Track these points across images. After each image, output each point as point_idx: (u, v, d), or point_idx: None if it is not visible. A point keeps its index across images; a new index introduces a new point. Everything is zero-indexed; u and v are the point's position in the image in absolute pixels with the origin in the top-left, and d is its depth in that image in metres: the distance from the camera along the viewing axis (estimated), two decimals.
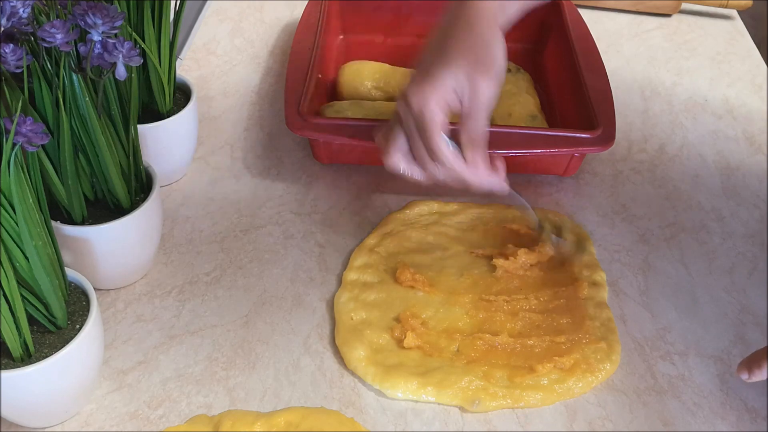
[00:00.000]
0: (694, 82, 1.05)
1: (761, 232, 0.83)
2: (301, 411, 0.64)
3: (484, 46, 0.64)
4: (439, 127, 0.63)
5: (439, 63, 0.64)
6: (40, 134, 0.52)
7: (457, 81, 0.63)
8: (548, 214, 0.82)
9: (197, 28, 1.10)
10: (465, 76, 0.63)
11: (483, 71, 0.63)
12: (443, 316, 0.71)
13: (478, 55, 0.63)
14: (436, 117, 0.63)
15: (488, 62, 0.64)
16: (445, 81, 0.63)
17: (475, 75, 0.63)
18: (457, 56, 0.63)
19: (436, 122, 0.63)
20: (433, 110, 0.63)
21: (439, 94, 0.63)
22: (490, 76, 0.63)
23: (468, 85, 0.63)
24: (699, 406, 0.66)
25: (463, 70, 0.63)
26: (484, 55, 0.64)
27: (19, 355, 0.57)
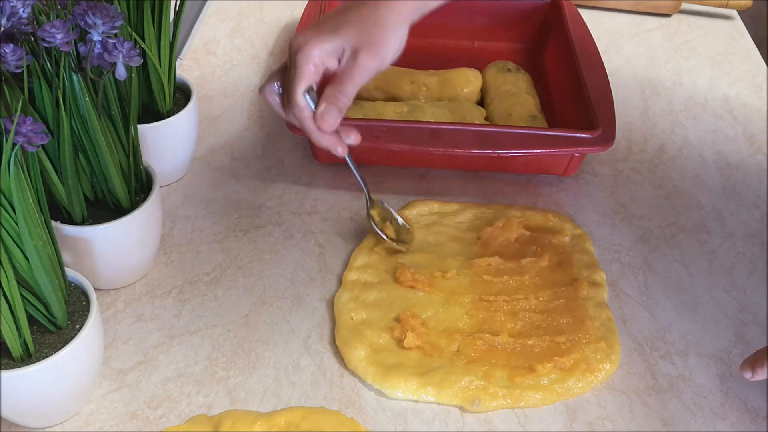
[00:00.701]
0: (694, 82, 1.05)
1: (761, 232, 0.83)
2: (301, 411, 0.64)
3: (379, 27, 0.66)
4: (302, 74, 0.66)
5: (334, 25, 0.66)
6: (40, 134, 0.52)
7: (340, 48, 0.66)
8: (548, 214, 0.82)
9: (197, 28, 1.10)
10: (351, 47, 0.66)
11: (369, 49, 0.66)
12: (443, 316, 0.71)
13: (371, 35, 0.66)
14: (305, 65, 0.65)
15: (378, 43, 0.66)
16: (330, 41, 0.66)
17: (361, 49, 0.66)
18: (352, 27, 0.66)
19: (303, 69, 0.65)
20: (306, 57, 0.65)
21: (318, 48, 0.65)
22: (375, 55, 0.66)
23: (350, 54, 0.66)
24: (699, 406, 0.66)
25: (352, 41, 0.66)
26: (377, 36, 0.66)
27: (19, 355, 0.57)
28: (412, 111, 0.88)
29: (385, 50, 0.67)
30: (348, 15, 0.67)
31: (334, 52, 0.66)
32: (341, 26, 0.66)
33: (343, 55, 0.66)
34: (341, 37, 0.66)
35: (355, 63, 0.66)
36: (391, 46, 0.67)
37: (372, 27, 0.66)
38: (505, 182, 0.87)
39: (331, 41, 0.65)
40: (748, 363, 0.63)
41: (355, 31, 0.66)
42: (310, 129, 0.68)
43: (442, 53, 1.04)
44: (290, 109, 0.68)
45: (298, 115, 0.67)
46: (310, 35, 0.66)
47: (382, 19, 0.67)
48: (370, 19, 0.66)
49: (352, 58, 0.66)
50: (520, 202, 0.84)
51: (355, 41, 0.66)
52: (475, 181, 0.87)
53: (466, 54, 1.04)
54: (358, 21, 0.66)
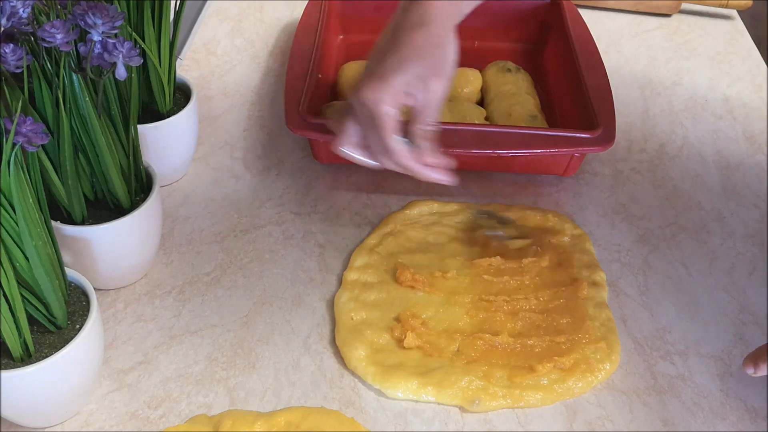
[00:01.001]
0: (694, 82, 1.05)
1: (761, 232, 0.83)
2: (301, 411, 0.64)
3: (437, 47, 0.66)
4: (392, 125, 0.66)
5: (393, 64, 0.66)
6: (40, 134, 0.52)
7: (411, 83, 0.65)
8: (548, 214, 0.82)
9: (197, 28, 1.10)
10: (418, 78, 0.65)
11: (436, 73, 0.66)
12: (443, 316, 0.71)
13: (432, 57, 0.66)
14: (389, 116, 0.65)
15: (441, 64, 0.66)
16: (398, 83, 0.65)
17: (429, 76, 0.65)
18: (410, 57, 0.65)
19: (389, 121, 0.66)
20: (387, 110, 0.65)
21: (392, 95, 0.65)
22: (443, 77, 0.66)
23: (421, 85, 0.66)
24: (699, 406, 0.66)
25: (416, 72, 0.65)
26: (438, 57, 0.66)
27: (19, 355, 0.57)
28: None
29: (450, 68, 0.67)
30: (404, 50, 0.66)
31: (406, 92, 0.66)
32: (403, 63, 0.65)
33: (414, 89, 0.66)
34: (408, 73, 0.65)
35: (430, 92, 0.66)
36: (453, 61, 0.67)
37: (431, 52, 0.66)
38: (505, 182, 0.87)
39: (400, 80, 0.65)
40: (750, 359, 0.63)
41: (418, 63, 0.65)
42: (414, 167, 0.68)
43: None
44: (386, 157, 0.68)
45: (399, 157, 0.68)
46: (377, 85, 0.65)
47: (438, 41, 0.66)
48: (425, 47, 0.66)
49: (425, 89, 0.66)
50: (520, 202, 0.84)
51: (420, 72, 0.65)
52: (475, 181, 0.87)
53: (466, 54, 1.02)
54: (417, 52, 0.66)
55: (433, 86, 0.66)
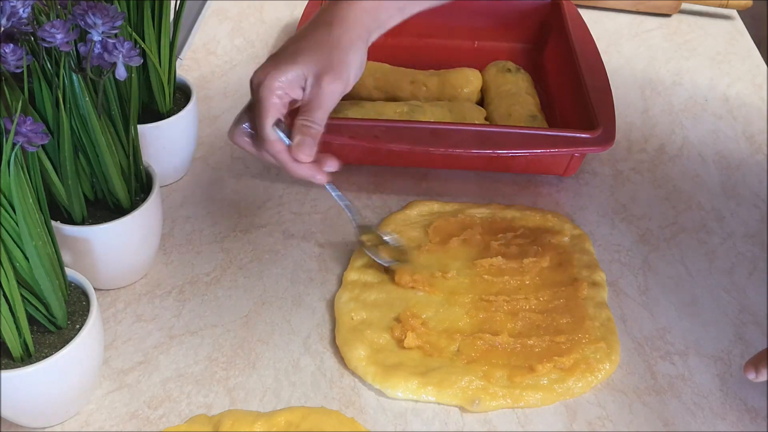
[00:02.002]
0: (694, 82, 1.05)
1: (761, 232, 0.83)
2: (301, 411, 0.64)
3: (337, 48, 0.65)
4: (268, 108, 0.64)
5: (292, 54, 0.65)
6: (40, 134, 0.52)
7: (302, 75, 0.65)
8: (547, 214, 0.82)
9: (197, 28, 1.10)
10: (312, 73, 0.65)
11: (331, 73, 0.65)
12: (443, 316, 0.71)
13: (331, 58, 0.65)
14: (269, 98, 0.64)
15: (338, 67, 0.65)
16: (291, 71, 0.64)
17: (323, 75, 0.64)
18: (310, 53, 0.65)
19: (268, 107, 0.64)
20: (269, 90, 0.64)
21: (280, 79, 0.64)
22: (336, 79, 0.65)
23: (313, 81, 0.65)
24: (699, 406, 0.66)
25: (311, 67, 0.65)
26: (336, 58, 0.65)
27: (19, 355, 0.57)
28: (412, 111, 0.88)
29: (347, 72, 0.66)
30: (304, 41, 0.66)
31: (296, 80, 0.65)
32: (299, 54, 0.65)
33: (306, 83, 0.65)
34: (300, 64, 0.64)
35: (320, 89, 0.64)
36: (353, 66, 0.66)
37: (331, 50, 0.65)
38: (505, 182, 0.87)
39: (291, 70, 0.64)
40: (751, 364, 0.63)
41: (314, 57, 0.65)
42: (286, 162, 0.66)
43: (442, 53, 1.04)
44: (262, 145, 0.66)
45: (270, 150, 0.66)
46: (269, 68, 0.65)
47: (339, 41, 0.66)
48: (327, 42, 0.65)
49: (316, 84, 0.64)
50: (520, 202, 0.84)
51: (315, 67, 0.64)
52: (475, 181, 0.87)
53: (466, 54, 1.04)
54: (315, 46, 0.65)
55: (325, 86, 0.64)
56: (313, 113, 0.65)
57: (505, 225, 0.80)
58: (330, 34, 0.66)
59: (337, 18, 0.67)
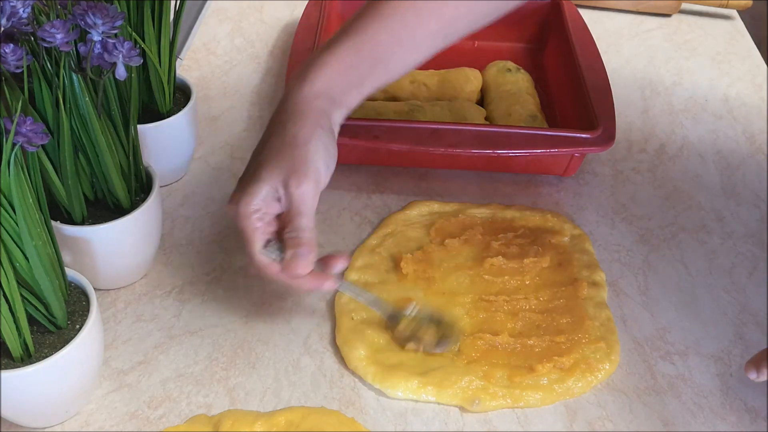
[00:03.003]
0: (694, 82, 1.05)
1: (761, 232, 0.83)
2: (301, 411, 0.64)
3: (296, 147, 0.62)
4: (250, 235, 0.62)
5: (255, 172, 0.62)
6: (40, 134, 0.52)
7: (273, 189, 0.61)
8: (547, 214, 0.82)
9: (197, 28, 1.10)
10: (280, 183, 0.61)
11: (296, 177, 0.61)
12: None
13: (293, 161, 0.61)
14: (249, 225, 0.61)
15: (302, 167, 0.61)
16: (258, 192, 0.61)
17: (289, 182, 0.61)
18: (271, 164, 0.62)
19: (248, 231, 0.62)
20: (245, 218, 0.61)
21: (251, 204, 0.61)
22: (302, 180, 0.61)
23: (284, 191, 0.61)
24: (699, 406, 0.66)
25: (276, 178, 0.61)
26: (299, 160, 0.61)
27: (19, 355, 0.57)
28: (412, 111, 0.88)
29: (313, 168, 0.61)
30: (264, 153, 0.63)
31: (267, 197, 0.61)
32: (261, 169, 0.62)
33: (279, 194, 0.62)
34: (265, 180, 0.61)
35: (291, 196, 0.61)
36: (318, 160, 0.62)
37: (291, 152, 0.61)
38: (505, 182, 0.87)
39: (257, 191, 0.61)
40: (752, 363, 0.63)
41: (276, 166, 0.61)
42: (286, 281, 0.63)
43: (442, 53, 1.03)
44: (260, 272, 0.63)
45: (269, 274, 0.63)
46: (238, 196, 0.62)
47: (295, 139, 0.62)
48: (284, 145, 0.62)
49: (287, 193, 0.61)
50: (519, 202, 0.84)
51: (280, 176, 0.61)
52: (475, 181, 0.87)
53: (466, 54, 1.04)
54: (275, 154, 0.62)
55: (295, 192, 0.61)
56: (295, 221, 0.61)
57: (506, 225, 0.80)
58: (285, 135, 0.62)
59: (289, 115, 0.63)
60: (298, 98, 0.64)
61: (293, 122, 0.63)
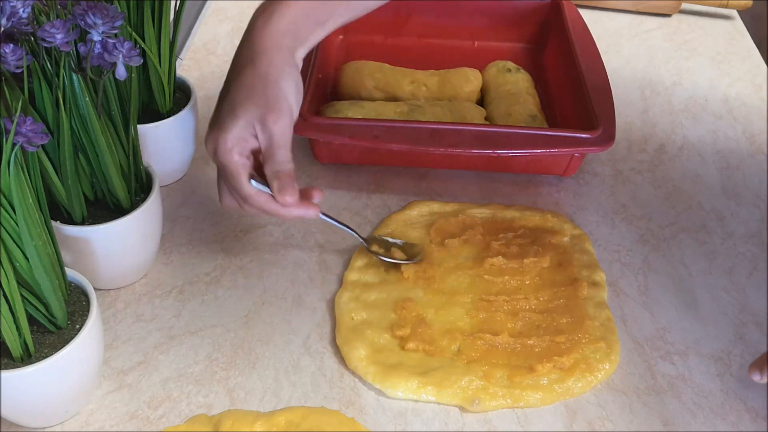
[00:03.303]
0: (694, 82, 1.05)
1: (761, 232, 0.83)
2: (301, 410, 0.64)
3: (268, 84, 0.64)
4: (236, 168, 0.63)
5: (230, 110, 0.64)
6: (40, 134, 0.52)
7: (249, 126, 0.63)
8: (547, 214, 0.82)
9: (197, 28, 1.10)
10: (256, 120, 0.63)
11: (271, 112, 0.63)
12: (444, 316, 0.71)
13: (264, 96, 0.63)
14: (232, 159, 0.63)
15: (276, 101, 0.63)
16: (235, 129, 0.63)
17: (265, 117, 0.63)
18: (241, 100, 0.63)
19: (232, 164, 0.63)
20: (227, 152, 0.63)
21: (231, 143, 0.63)
22: (279, 114, 0.63)
23: (260, 127, 0.63)
24: (699, 406, 0.66)
25: (251, 115, 0.63)
26: (271, 95, 0.63)
27: (19, 355, 0.57)
28: (412, 111, 0.88)
29: (286, 104, 0.64)
30: (235, 92, 0.64)
31: (245, 133, 0.63)
32: (235, 108, 0.63)
33: (256, 131, 0.63)
34: (241, 116, 0.63)
35: (270, 132, 0.63)
36: (290, 95, 0.64)
37: (263, 89, 0.63)
38: (505, 182, 0.87)
39: (235, 127, 0.63)
40: (756, 365, 0.63)
41: (250, 103, 0.63)
42: (276, 210, 0.65)
43: (442, 53, 1.04)
44: (247, 203, 0.65)
45: (256, 204, 0.65)
46: (215, 133, 0.64)
47: (266, 77, 0.64)
48: (256, 83, 0.64)
49: (264, 129, 0.63)
50: (519, 202, 0.84)
51: (256, 112, 0.63)
52: (475, 181, 0.87)
53: (466, 54, 1.04)
54: (247, 92, 0.64)
55: (272, 127, 0.63)
56: (276, 155, 0.63)
57: (505, 225, 0.80)
58: (255, 73, 0.64)
59: (256, 53, 0.65)
60: (265, 36, 0.65)
61: (262, 60, 0.64)
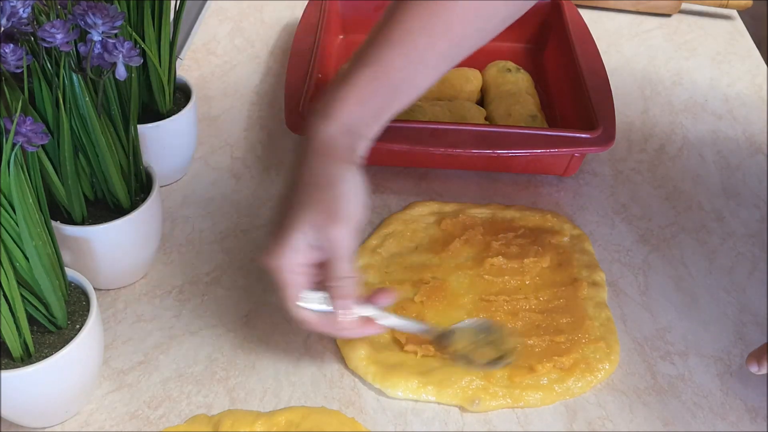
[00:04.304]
0: (694, 82, 1.05)
1: (761, 232, 0.83)
2: (301, 410, 0.64)
3: (325, 189, 0.59)
4: (290, 293, 0.60)
5: (287, 223, 0.59)
6: (40, 134, 0.52)
7: (309, 238, 0.59)
8: (547, 214, 0.82)
9: (197, 28, 1.10)
10: (316, 231, 0.59)
11: (331, 222, 0.58)
12: (444, 317, 0.71)
13: (326, 205, 0.59)
14: (288, 286, 0.60)
15: (335, 211, 0.59)
16: (295, 242, 0.59)
17: (325, 227, 0.58)
18: (303, 212, 0.59)
19: (288, 290, 0.60)
20: (286, 279, 0.60)
21: (290, 258, 0.59)
22: (340, 225, 0.58)
23: (321, 238, 0.59)
24: (699, 406, 0.66)
25: (310, 226, 0.59)
26: (329, 200, 0.59)
27: (19, 355, 0.57)
28: (412, 111, 0.88)
29: (346, 210, 0.59)
30: (292, 202, 0.60)
31: (304, 247, 0.59)
32: (293, 220, 0.59)
33: (312, 242, 0.59)
34: (299, 230, 0.58)
35: (331, 243, 0.58)
36: (350, 199, 0.59)
37: (318, 198, 0.59)
38: (505, 182, 0.87)
39: (294, 241, 0.58)
40: (753, 356, 0.63)
41: (306, 214, 0.58)
42: (334, 331, 0.62)
43: None
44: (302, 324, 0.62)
45: (310, 327, 0.61)
46: (272, 248, 0.59)
47: (323, 182, 0.59)
48: (313, 192, 0.59)
49: (326, 240, 0.58)
50: (519, 202, 0.84)
51: (315, 223, 0.58)
52: (475, 181, 0.87)
53: None
54: (303, 202, 0.59)
55: (333, 237, 0.58)
56: (335, 269, 0.59)
57: (506, 225, 0.80)
58: (314, 177, 0.59)
59: (315, 155, 0.60)
60: (324, 137, 0.60)
61: (321, 163, 0.60)
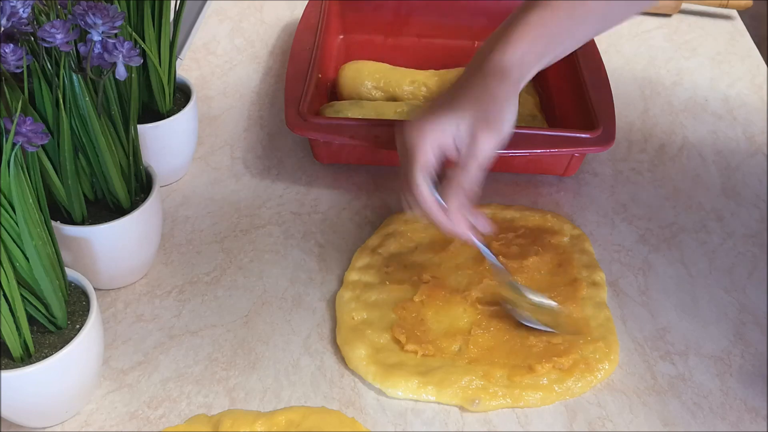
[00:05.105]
0: (694, 82, 1.05)
1: (761, 232, 0.83)
2: (302, 410, 0.64)
3: (493, 102, 0.63)
4: (422, 166, 0.62)
5: (446, 107, 0.63)
6: (40, 134, 0.52)
7: (458, 129, 0.62)
8: (547, 214, 0.82)
9: (197, 28, 1.10)
10: (467, 127, 0.62)
11: (486, 126, 0.62)
12: (443, 317, 0.71)
13: (486, 110, 0.62)
14: (423, 156, 0.62)
15: (494, 119, 0.62)
16: (445, 125, 0.62)
17: (478, 128, 0.62)
18: (464, 105, 0.63)
19: (421, 161, 0.62)
20: (423, 149, 0.62)
21: (434, 136, 0.62)
22: (493, 133, 0.62)
23: (468, 136, 0.62)
24: (699, 406, 0.66)
25: (466, 120, 0.62)
26: (492, 111, 0.62)
27: (19, 355, 0.57)
28: (412, 111, 0.88)
29: (501, 125, 0.63)
30: (459, 92, 0.64)
31: (449, 134, 0.62)
32: (453, 109, 0.62)
33: (459, 137, 0.62)
34: (456, 117, 0.62)
35: (476, 146, 0.62)
36: (507, 120, 0.64)
37: (488, 104, 0.62)
38: (504, 182, 0.87)
39: (445, 124, 0.62)
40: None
41: (468, 106, 0.62)
42: (441, 221, 0.64)
43: (442, 53, 1.03)
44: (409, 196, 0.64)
45: (420, 203, 0.63)
46: (424, 126, 0.62)
47: (494, 95, 0.63)
48: (483, 96, 0.63)
49: (472, 142, 0.62)
50: (519, 202, 0.84)
51: (469, 122, 0.62)
52: None
53: (466, 54, 1.03)
54: (470, 100, 0.63)
55: (481, 140, 0.62)
56: (468, 169, 0.62)
57: (506, 225, 0.80)
58: (486, 87, 0.63)
59: (490, 71, 0.64)
60: (500, 64, 0.64)
61: (494, 81, 0.63)
